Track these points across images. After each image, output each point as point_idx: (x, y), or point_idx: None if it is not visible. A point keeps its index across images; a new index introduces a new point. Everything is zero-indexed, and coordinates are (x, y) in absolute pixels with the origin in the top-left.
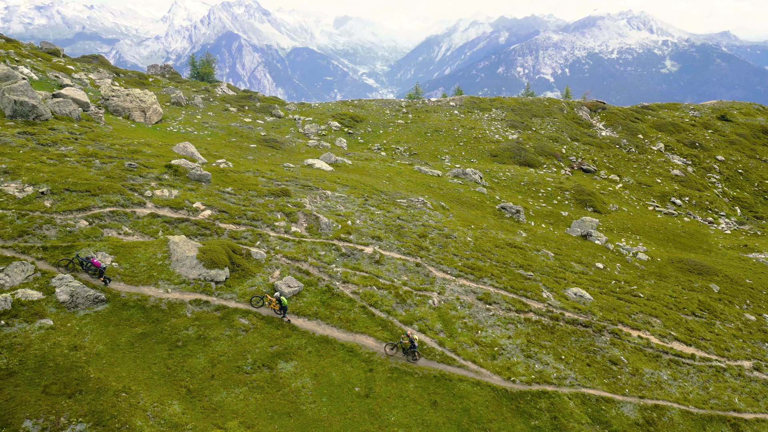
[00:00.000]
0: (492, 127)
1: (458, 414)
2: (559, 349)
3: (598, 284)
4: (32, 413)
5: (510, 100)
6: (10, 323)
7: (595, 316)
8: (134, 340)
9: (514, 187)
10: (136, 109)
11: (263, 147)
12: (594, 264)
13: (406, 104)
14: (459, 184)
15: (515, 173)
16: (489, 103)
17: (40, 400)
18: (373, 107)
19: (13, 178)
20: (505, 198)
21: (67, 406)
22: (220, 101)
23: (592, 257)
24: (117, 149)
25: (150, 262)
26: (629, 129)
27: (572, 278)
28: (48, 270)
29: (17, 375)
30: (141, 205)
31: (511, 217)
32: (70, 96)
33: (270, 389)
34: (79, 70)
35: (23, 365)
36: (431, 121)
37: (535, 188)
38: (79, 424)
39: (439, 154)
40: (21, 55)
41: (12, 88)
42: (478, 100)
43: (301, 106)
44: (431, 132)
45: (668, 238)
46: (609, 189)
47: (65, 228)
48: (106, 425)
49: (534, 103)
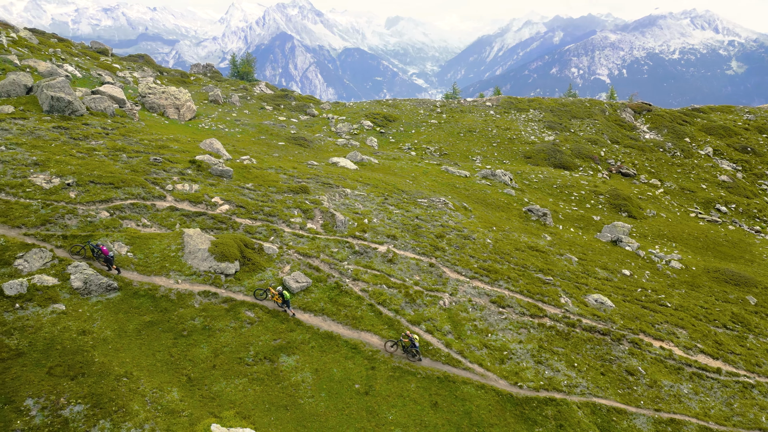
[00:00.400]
0: (528, 128)
1: (459, 416)
2: (573, 356)
3: (622, 292)
4: (34, 392)
5: (549, 101)
6: (24, 306)
7: (615, 324)
8: (141, 327)
9: (546, 189)
10: (170, 106)
11: (291, 145)
12: (620, 271)
13: (440, 104)
14: (486, 185)
15: (548, 175)
16: (527, 104)
17: (43, 381)
18: (407, 107)
19: (42, 170)
20: (535, 201)
21: (68, 387)
22: (257, 100)
23: (620, 264)
24: (145, 144)
25: (164, 253)
26: (675, 132)
27: (594, 284)
28: (65, 258)
29: (25, 356)
30: (161, 198)
31: (537, 220)
32: (107, 93)
33: (269, 382)
34: (125, 69)
35: (32, 347)
36: (465, 121)
37: (568, 191)
38: (78, 405)
39: (470, 154)
40: (71, 54)
41: (50, 85)
42: (515, 101)
43: (336, 105)
44: (464, 132)
45: (708, 246)
46: (648, 194)
47: (86, 218)
48: (103, 407)
49: (574, 104)
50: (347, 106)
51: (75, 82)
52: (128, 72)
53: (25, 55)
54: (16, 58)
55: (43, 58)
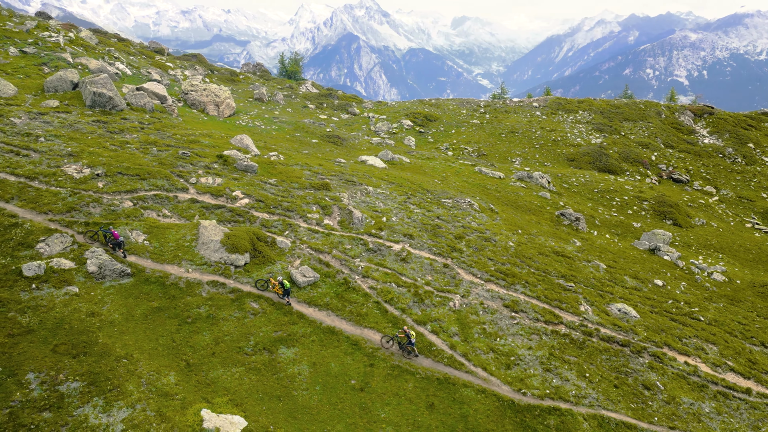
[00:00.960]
0: (575, 130)
1: (454, 419)
2: (585, 366)
3: (650, 302)
4: (37, 367)
5: (600, 102)
6: (40, 287)
7: (636, 336)
8: (148, 312)
9: (586, 193)
10: (210, 103)
11: (324, 142)
12: (652, 280)
13: (484, 104)
14: (521, 187)
15: (590, 179)
16: (576, 105)
17: (47, 357)
18: (449, 106)
19: (75, 161)
20: (572, 205)
21: (68, 365)
22: (301, 98)
23: (653, 273)
24: (177, 139)
25: (178, 243)
26: (738, 137)
27: (621, 293)
28: (84, 243)
29: (34, 333)
30: (184, 190)
31: (569, 225)
32: (150, 90)
33: (266, 372)
34: (177, 67)
35: (42, 325)
36: (508, 121)
37: (610, 196)
38: (75, 382)
39: (510, 156)
40: (128, 53)
41: (93, 81)
42: (564, 101)
43: (378, 104)
44: (506, 133)
45: (760, 259)
46: (700, 201)
47: (109, 207)
48: (98, 386)
49: (627, 105)
50: (389, 106)
51: (124, 80)
52: (180, 70)
53: (79, 54)
54: (70, 57)
55: (96, 57)
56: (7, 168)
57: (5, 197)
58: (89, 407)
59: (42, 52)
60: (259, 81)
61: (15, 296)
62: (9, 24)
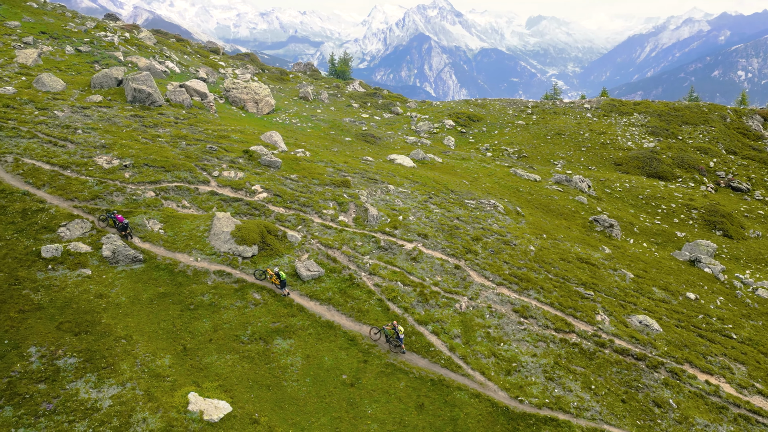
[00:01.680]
0: (627, 133)
1: (443, 422)
2: (592, 377)
3: (677, 316)
4: (39, 342)
5: (658, 105)
6: (55, 268)
7: (655, 350)
8: (154, 297)
9: (629, 199)
10: (249, 100)
11: (358, 141)
12: (684, 293)
13: (532, 105)
14: (556, 190)
15: (636, 185)
16: (632, 107)
17: (50, 333)
18: (495, 107)
19: (107, 152)
20: (611, 210)
21: (69, 341)
22: (346, 97)
23: (687, 285)
24: (208, 134)
25: (191, 233)
26: None
27: (645, 305)
28: (102, 229)
29: (44, 310)
30: (205, 183)
31: (602, 231)
32: (192, 87)
33: (259, 361)
34: (228, 66)
35: (52, 303)
36: (556, 123)
37: (655, 203)
38: (72, 357)
39: (552, 158)
40: (184, 52)
41: (134, 78)
42: (618, 103)
43: (422, 104)
44: (552, 135)
45: None
46: (759, 212)
47: (132, 196)
48: (93, 363)
49: (689, 108)
50: (433, 105)
51: (171, 77)
52: (231, 69)
53: (131, 53)
54: (122, 55)
55: (146, 56)
56: (44, 157)
57: (37, 184)
58: (81, 382)
59: (95, 51)
60: (307, 80)
61: (31, 275)
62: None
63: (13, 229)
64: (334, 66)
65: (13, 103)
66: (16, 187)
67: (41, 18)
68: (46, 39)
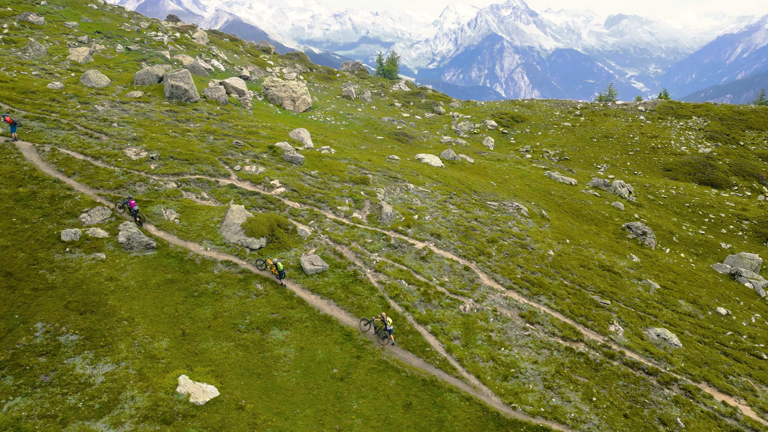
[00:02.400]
0: (681, 138)
1: (429, 423)
2: (595, 389)
3: (702, 331)
4: (46, 318)
5: (720, 108)
6: (72, 251)
7: (670, 366)
8: (161, 283)
9: (673, 207)
10: (287, 98)
11: (390, 139)
12: (714, 308)
13: (582, 106)
14: (592, 195)
15: (683, 192)
16: (691, 110)
17: (58, 311)
18: (542, 107)
19: (137, 144)
20: (650, 218)
21: (73, 319)
22: (390, 96)
23: (721, 300)
24: (237, 129)
25: (205, 223)
26: None
27: (667, 317)
28: (121, 216)
29: (55, 289)
30: (226, 176)
31: (634, 239)
32: (231, 84)
33: (253, 350)
34: (277, 65)
35: (64, 283)
36: (604, 125)
37: (703, 212)
38: (74, 335)
39: (596, 162)
40: (236, 51)
41: (173, 75)
42: (676, 105)
43: (466, 104)
44: (599, 137)
45: None
46: None
47: (153, 187)
48: (93, 341)
49: (755, 112)
50: (477, 105)
51: (216, 75)
52: (279, 68)
53: (178, 51)
54: (168, 54)
55: (193, 54)
56: (79, 148)
57: (68, 172)
58: (79, 358)
59: (144, 49)
60: (353, 79)
61: (50, 257)
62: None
63: (40, 213)
64: (381, 65)
65: (59, 97)
66: (49, 174)
67: (99, 18)
68: (100, 38)
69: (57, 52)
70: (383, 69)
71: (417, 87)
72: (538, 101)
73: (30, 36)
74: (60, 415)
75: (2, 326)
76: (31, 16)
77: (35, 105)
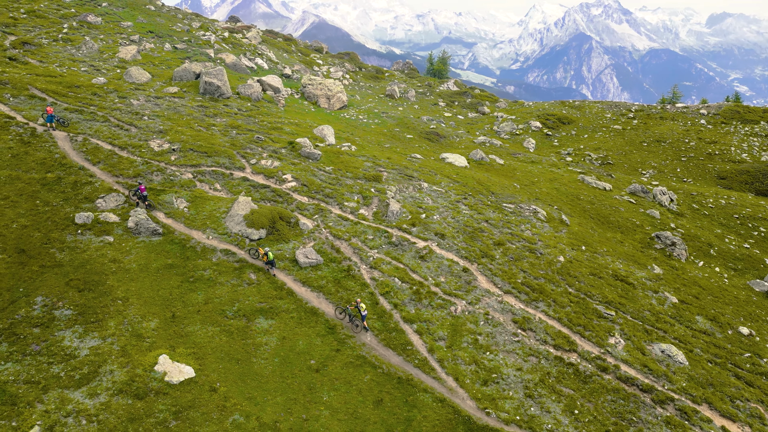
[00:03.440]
0: (744, 144)
1: (396, 420)
2: (579, 402)
3: (716, 351)
4: (46, 293)
5: None
6: (83, 233)
7: (669, 384)
8: (161, 267)
9: (719, 218)
10: (322, 96)
11: (420, 138)
12: (736, 327)
13: (636, 108)
14: (626, 201)
15: (735, 202)
16: (760, 114)
17: (58, 287)
18: (593, 109)
19: (161, 137)
20: (689, 228)
21: (70, 296)
22: (435, 96)
23: (747, 319)
24: (262, 125)
25: (211, 213)
26: None
27: (678, 333)
28: (133, 203)
29: (62, 267)
30: (241, 169)
31: (661, 249)
32: (267, 82)
33: (237, 336)
34: (326, 64)
35: (71, 262)
36: (658, 129)
37: (753, 224)
38: (68, 310)
39: (642, 167)
40: (287, 50)
41: (207, 72)
42: (743, 109)
43: (513, 105)
44: (649, 142)
45: None
46: None
47: (169, 177)
48: (85, 317)
49: None
50: (524, 106)
51: (258, 72)
52: (326, 67)
53: (223, 50)
54: (212, 52)
55: (237, 53)
56: (108, 139)
57: (94, 161)
58: (69, 332)
59: (190, 48)
60: (401, 79)
61: (62, 237)
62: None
63: (62, 197)
64: (431, 65)
65: (100, 91)
66: (76, 162)
67: (154, 19)
68: (151, 37)
69: (108, 50)
70: (433, 68)
71: (466, 87)
72: (589, 102)
73: (86, 35)
74: (43, 382)
75: (6, 298)
76: (90, 17)
77: (77, 98)
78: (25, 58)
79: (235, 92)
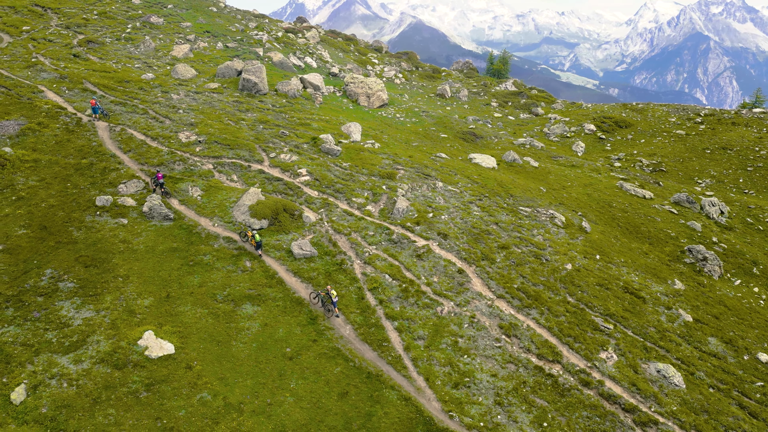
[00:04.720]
0: None
1: (356, 414)
2: (551, 415)
3: (723, 376)
4: (56, 266)
5: None
6: (101, 215)
7: (657, 406)
8: (166, 250)
9: None
10: (362, 94)
11: (454, 138)
12: (755, 353)
13: (706, 113)
14: (666, 211)
15: None
16: None
17: (67, 262)
18: (656, 113)
19: (190, 129)
20: (735, 243)
21: (76, 270)
22: (489, 96)
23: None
24: (290, 121)
25: (222, 202)
26: None
27: (683, 354)
28: (151, 188)
29: (75, 244)
30: (259, 162)
31: (691, 264)
32: (308, 80)
33: (221, 320)
34: (381, 63)
35: (84, 240)
36: (726, 135)
37: None
38: (71, 282)
39: (699, 176)
40: (344, 50)
41: (246, 69)
42: None
43: (570, 106)
44: (713, 149)
45: None
46: None
47: (190, 166)
48: (85, 290)
49: None
50: (583, 108)
51: (305, 71)
52: (380, 66)
53: (273, 48)
54: (262, 51)
55: (286, 53)
56: (143, 129)
57: (125, 149)
58: (68, 302)
59: (240, 47)
60: (457, 78)
61: (82, 217)
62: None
63: (90, 181)
64: (491, 65)
65: (146, 86)
66: (109, 150)
67: (214, 20)
68: (207, 37)
69: (163, 49)
70: (492, 68)
71: (524, 87)
72: (654, 105)
73: (147, 35)
74: (36, 345)
75: (21, 268)
76: (153, 18)
77: (125, 92)
78: (87, 56)
79: (273, 89)
